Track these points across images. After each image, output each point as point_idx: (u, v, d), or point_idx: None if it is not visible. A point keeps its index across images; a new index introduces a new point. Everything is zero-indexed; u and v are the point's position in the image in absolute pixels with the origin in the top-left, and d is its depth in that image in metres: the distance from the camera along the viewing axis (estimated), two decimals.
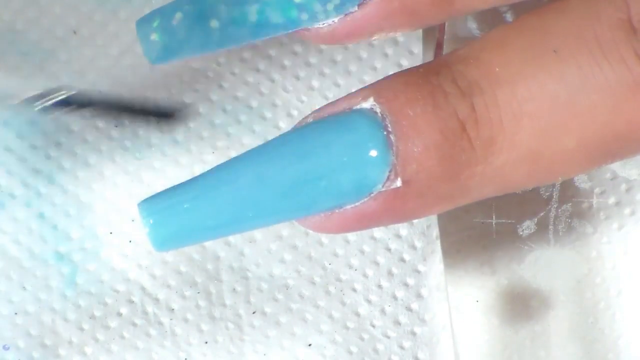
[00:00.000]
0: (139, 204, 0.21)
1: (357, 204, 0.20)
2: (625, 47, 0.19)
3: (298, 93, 0.31)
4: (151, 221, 0.21)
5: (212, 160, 0.30)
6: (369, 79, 0.31)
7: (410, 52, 0.31)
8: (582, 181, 0.30)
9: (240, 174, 0.21)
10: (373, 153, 0.20)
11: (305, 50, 0.30)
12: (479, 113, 0.20)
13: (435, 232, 0.30)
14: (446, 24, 0.28)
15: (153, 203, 0.21)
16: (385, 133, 0.20)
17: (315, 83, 0.31)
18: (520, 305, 0.30)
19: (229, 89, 0.31)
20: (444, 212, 0.25)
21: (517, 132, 0.20)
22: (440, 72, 0.20)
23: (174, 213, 0.21)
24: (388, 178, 0.20)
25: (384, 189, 0.20)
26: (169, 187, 0.21)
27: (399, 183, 0.20)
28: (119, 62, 0.30)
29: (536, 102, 0.20)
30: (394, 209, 0.20)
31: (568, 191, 0.30)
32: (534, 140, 0.20)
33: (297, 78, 0.31)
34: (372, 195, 0.20)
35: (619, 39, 0.19)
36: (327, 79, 0.31)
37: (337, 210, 0.21)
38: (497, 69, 0.20)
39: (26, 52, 0.29)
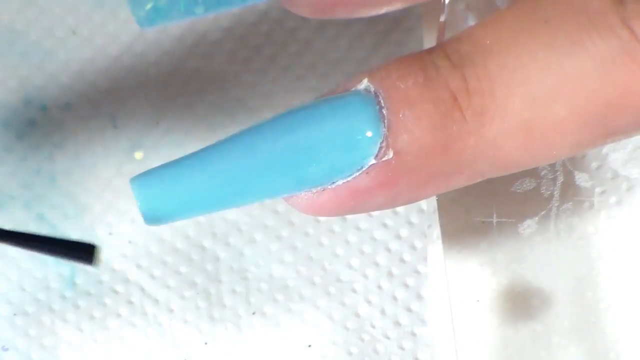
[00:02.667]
0: (131, 180, 0.21)
1: (349, 178, 0.20)
2: (613, 16, 0.19)
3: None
4: (143, 195, 0.21)
5: None
6: None
7: None
8: (583, 180, 0.30)
9: (233, 147, 0.21)
10: (365, 126, 0.20)
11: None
12: (470, 83, 0.20)
13: (436, 232, 0.30)
14: (446, 25, 0.28)
15: (145, 178, 0.21)
16: (377, 107, 0.20)
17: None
18: (521, 304, 0.30)
19: (230, 89, 0.31)
20: (445, 209, 0.25)
21: (509, 100, 0.20)
22: (433, 51, 0.21)
23: (164, 187, 0.21)
24: (380, 150, 0.20)
25: (376, 162, 0.20)
26: (161, 164, 0.21)
27: (390, 154, 0.20)
28: (118, 62, 0.29)
29: (527, 70, 0.20)
30: (387, 184, 0.21)
31: (569, 190, 0.30)
32: (526, 109, 0.20)
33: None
34: (364, 169, 0.20)
35: (606, 8, 0.19)
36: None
37: (329, 186, 0.21)
38: (488, 42, 0.20)
39: (26, 52, 0.29)
